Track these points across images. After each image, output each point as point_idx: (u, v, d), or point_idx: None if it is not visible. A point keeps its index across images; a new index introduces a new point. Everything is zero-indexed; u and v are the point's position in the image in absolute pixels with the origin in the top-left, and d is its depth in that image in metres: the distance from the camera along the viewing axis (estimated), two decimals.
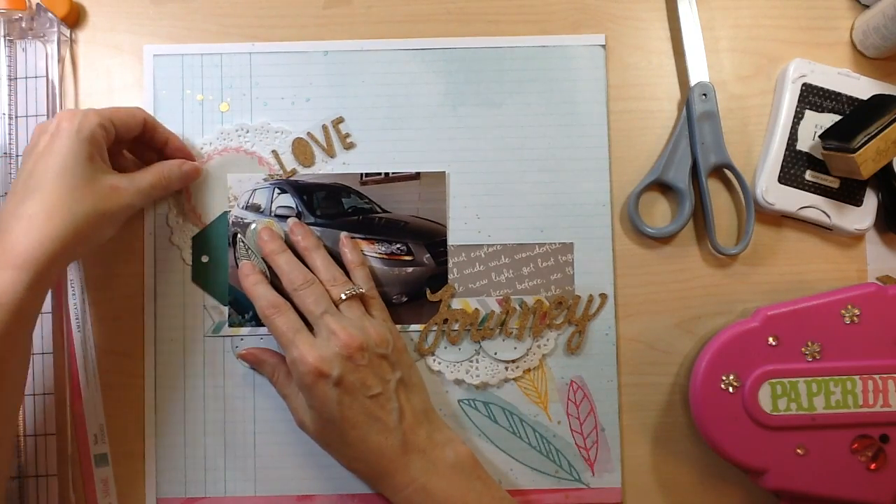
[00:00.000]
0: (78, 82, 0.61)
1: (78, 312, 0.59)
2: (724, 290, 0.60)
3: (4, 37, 0.60)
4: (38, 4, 0.59)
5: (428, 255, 0.59)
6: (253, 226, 0.59)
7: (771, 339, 0.55)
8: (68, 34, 0.61)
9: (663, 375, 0.60)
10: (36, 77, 0.60)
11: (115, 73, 0.61)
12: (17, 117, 0.60)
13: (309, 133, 0.60)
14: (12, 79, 0.60)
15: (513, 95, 0.60)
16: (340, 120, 0.60)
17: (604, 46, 0.61)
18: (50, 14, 0.59)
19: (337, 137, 0.60)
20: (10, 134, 0.59)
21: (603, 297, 0.59)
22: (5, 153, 0.59)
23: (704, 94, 0.59)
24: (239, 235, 0.59)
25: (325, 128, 0.60)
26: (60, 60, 0.61)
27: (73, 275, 0.59)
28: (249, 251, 0.57)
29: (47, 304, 0.58)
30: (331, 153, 0.60)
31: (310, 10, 0.62)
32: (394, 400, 0.53)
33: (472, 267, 0.59)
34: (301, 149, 0.60)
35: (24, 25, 0.60)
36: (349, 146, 0.60)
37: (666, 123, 0.61)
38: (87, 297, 0.59)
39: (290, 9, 0.62)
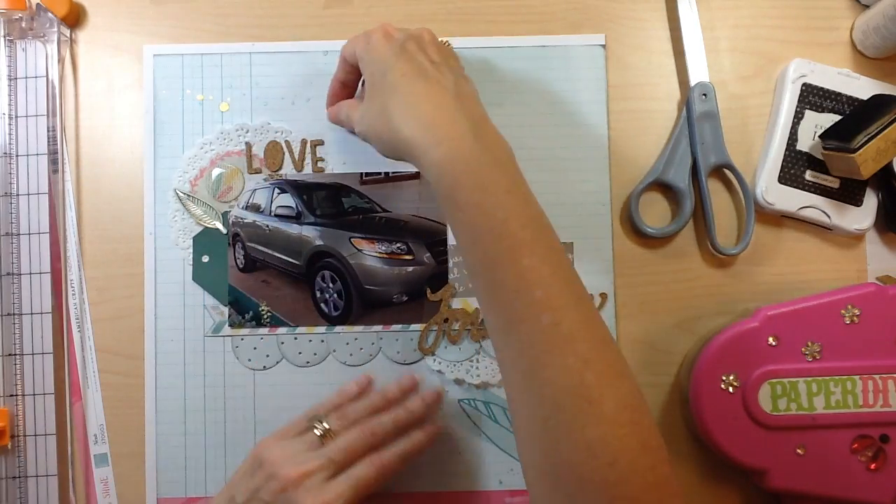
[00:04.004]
0: (78, 82, 0.61)
1: (78, 312, 0.59)
2: (724, 290, 0.60)
3: (4, 37, 0.60)
4: (38, 4, 0.59)
5: (428, 255, 0.59)
6: (219, 172, 0.60)
7: (771, 339, 0.55)
8: (68, 34, 0.61)
9: (663, 375, 0.60)
10: (36, 77, 0.60)
11: (115, 73, 0.61)
12: (17, 117, 0.60)
13: (287, 141, 0.60)
14: (12, 79, 0.60)
15: (513, 95, 0.60)
16: (320, 142, 0.60)
17: (604, 46, 0.61)
18: (50, 14, 0.59)
19: (310, 158, 0.60)
20: (10, 134, 0.59)
21: (603, 296, 0.59)
22: (5, 153, 0.59)
23: (704, 94, 0.59)
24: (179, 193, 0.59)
25: (303, 142, 0.60)
26: (60, 60, 0.61)
27: (73, 275, 0.59)
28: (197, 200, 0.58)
29: (47, 304, 0.59)
30: (298, 168, 0.60)
31: (310, 10, 0.62)
32: (450, 74, 0.50)
33: None
34: (272, 152, 0.60)
35: (24, 25, 0.60)
36: (318, 170, 0.60)
37: (666, 123, 0.61)
38: (87, 297, 0.60)
39: (290, 9, 0.62)
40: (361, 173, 0.60)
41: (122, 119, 0.61)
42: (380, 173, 0.60)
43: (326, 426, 0.54)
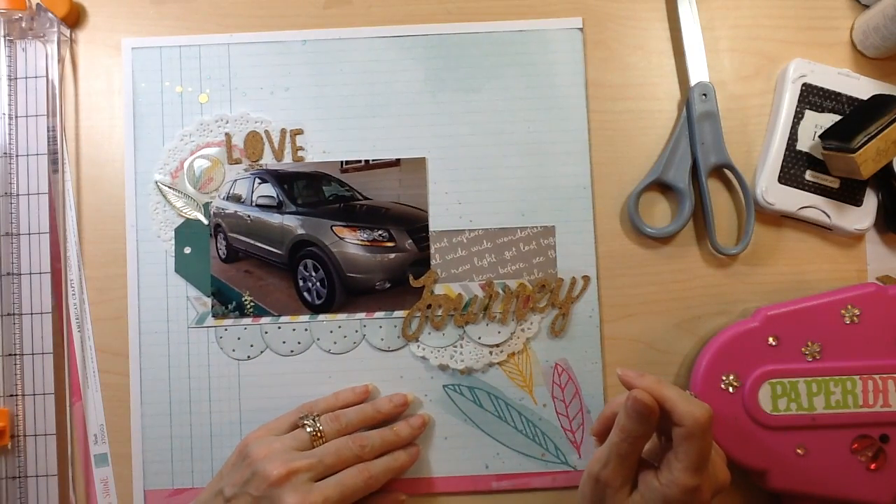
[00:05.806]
0: (78, 82, 0.61)
1: (78, 312, 0.59)
2: (724, 290, 0.60)
3: (4, 37, 0.60)
4: (38, 4, 0.60)
5: (410, 241, 0.60)
6: (199, 163, 0.60)
7: (771, 339, 0.55)
8: (68, 34, 0.61)
9: (663, 375, 0.60)
10: (36, 77, 0.60)
11: (115, 73, 0.61)
12: (17, 117, 0.60)
13: (266, 131, 0.61)
14: (12, 79, 0.60)
15: (491, 80, 0.61)
16: (299, 132, 0.61)
17: (581, 29, 0.61)
18: (50, 14, 0.59)
19: (290, 148, 0.60)
20: (10, 134, 0.59)
21: (585, 279, 0.59)
22: (5, 153, 0.59)
23: (704, 94, 0.59)
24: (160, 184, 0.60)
25: (283, 132, 0.61)
26: (60, 60, 0.61)
27: (73, 275, 0.59)
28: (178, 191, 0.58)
29: (47, 304, 0.59)
30: (279, 157, 0.60)
31: (310, 10, 0.62)
32: None
33: (454, 252, 0.59)
34: (252, 142, 0.60)
35: (24, 25, 0.60)
36: (298, 159, 0.60)
37: (666, 123, 0.61)
38: (87, 297, 0.60)
39: (290, 8, 0.62)
40: (342, 161, 0.60)
41: (121, 119, 0.61)
42: (360, 161, 0.60)
43: (319, 427, 0.54)
